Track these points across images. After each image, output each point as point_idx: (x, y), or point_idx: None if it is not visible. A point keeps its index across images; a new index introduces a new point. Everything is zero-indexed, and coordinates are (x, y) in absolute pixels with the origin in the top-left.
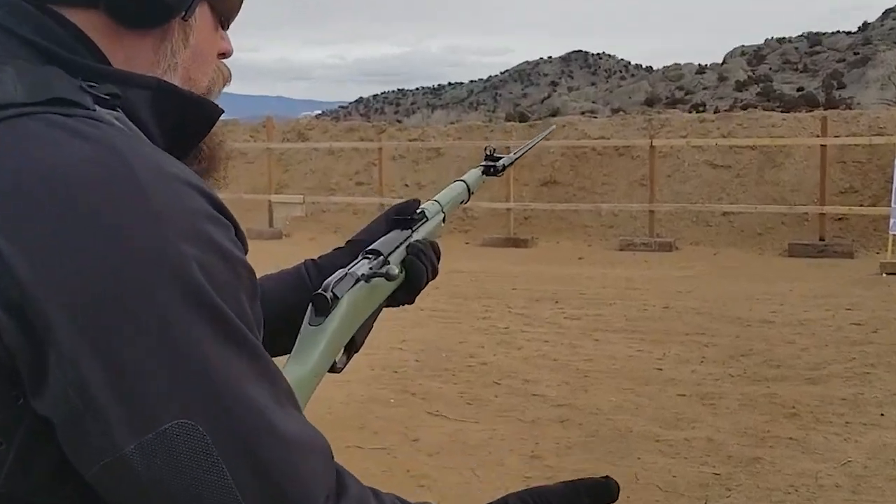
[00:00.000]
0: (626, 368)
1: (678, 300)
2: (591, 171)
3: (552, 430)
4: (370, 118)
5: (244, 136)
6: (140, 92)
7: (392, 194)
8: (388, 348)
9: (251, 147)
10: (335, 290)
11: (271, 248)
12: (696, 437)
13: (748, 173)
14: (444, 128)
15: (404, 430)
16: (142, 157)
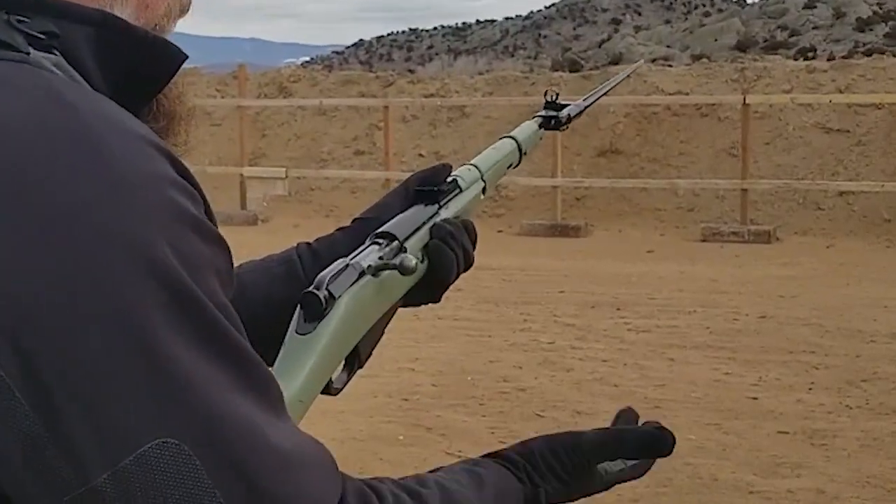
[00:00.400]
0: (710, 397)
1: (779, 308)
2: (664, 138)
3: None
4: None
5: (209, 89)
6: (81, 28)
7: (402, 167)
8: (397, 369)
9: (218, 105)
10: (331, 288)
11: (244, 237)
12: (802, 488)
13: (873, 140)
14: (470, 80)
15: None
16: (95, 110)
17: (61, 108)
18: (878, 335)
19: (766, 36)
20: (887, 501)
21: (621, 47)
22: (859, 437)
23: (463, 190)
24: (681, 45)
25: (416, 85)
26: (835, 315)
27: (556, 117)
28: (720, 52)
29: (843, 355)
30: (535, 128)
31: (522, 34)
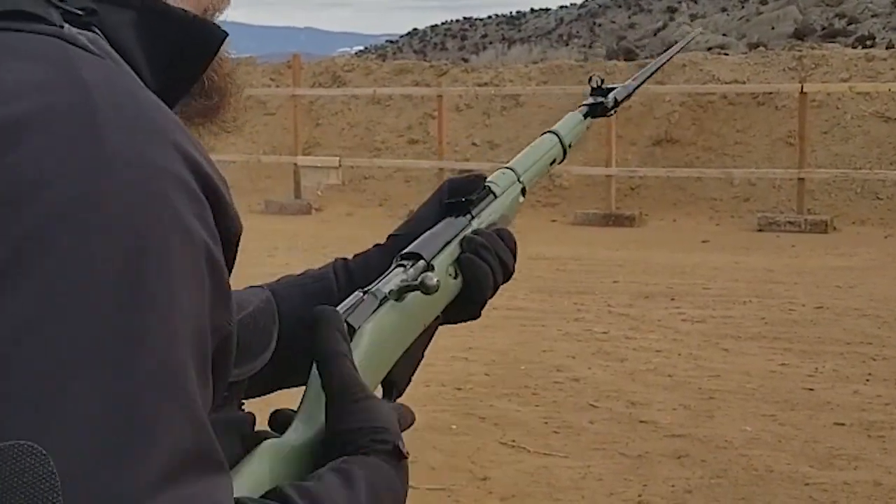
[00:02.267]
0: (766, 388)
1: (836, 298)
2: (720, 127)
3: (665, 468)
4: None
5: (263, 79)
6: (122, 11)
7: (455, 156)
8: (450, 358)
9: (272, 94)
10: (350, 320)
11: (297, 226)
12: (858, 481)
13: None
14: (524, 69)
15: (470, 466)
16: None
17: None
18: None
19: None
20: None
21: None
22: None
23: (497, 196)
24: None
25: (469, 74)
26: (893, 306)
27: (601, 104)
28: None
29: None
30: (579, 118)
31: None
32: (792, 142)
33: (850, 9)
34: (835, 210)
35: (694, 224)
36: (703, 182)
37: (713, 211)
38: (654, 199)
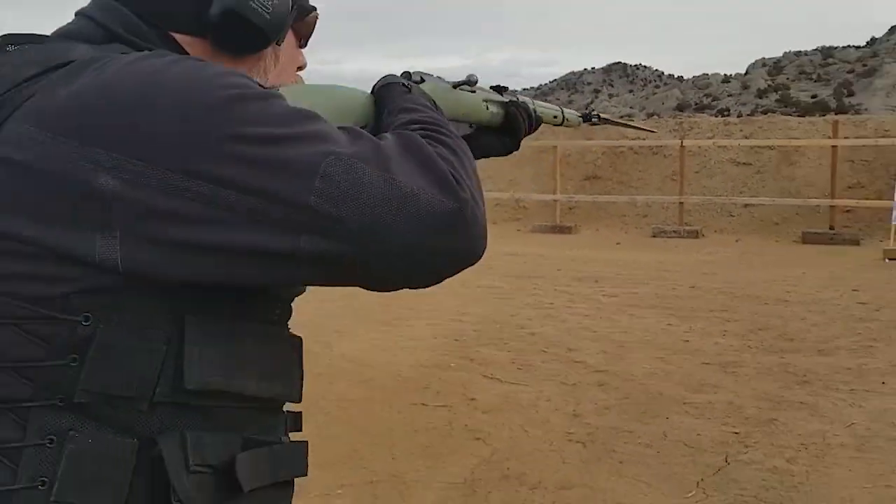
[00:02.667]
0: (658, 340)
1: (703, 281)
2: (628, 168)
3: (591, 392)
4: None
5: None
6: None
7: None
8: (450, 320)
9: None
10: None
11: None
12: (718, 401)
13: (767, 170)
14: None
15: (463, 391)
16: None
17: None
18: (769, 300)
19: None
20: (775, 410)
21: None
22: (756, 367)
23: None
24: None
25: None
26: (740, 286)
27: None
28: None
29: (746, 313)
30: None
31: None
32: (675, 178)
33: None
34: (703, 223)
35: (611, 232)
36: (617, 205)
37: (623, 224)
38: (585, 216)
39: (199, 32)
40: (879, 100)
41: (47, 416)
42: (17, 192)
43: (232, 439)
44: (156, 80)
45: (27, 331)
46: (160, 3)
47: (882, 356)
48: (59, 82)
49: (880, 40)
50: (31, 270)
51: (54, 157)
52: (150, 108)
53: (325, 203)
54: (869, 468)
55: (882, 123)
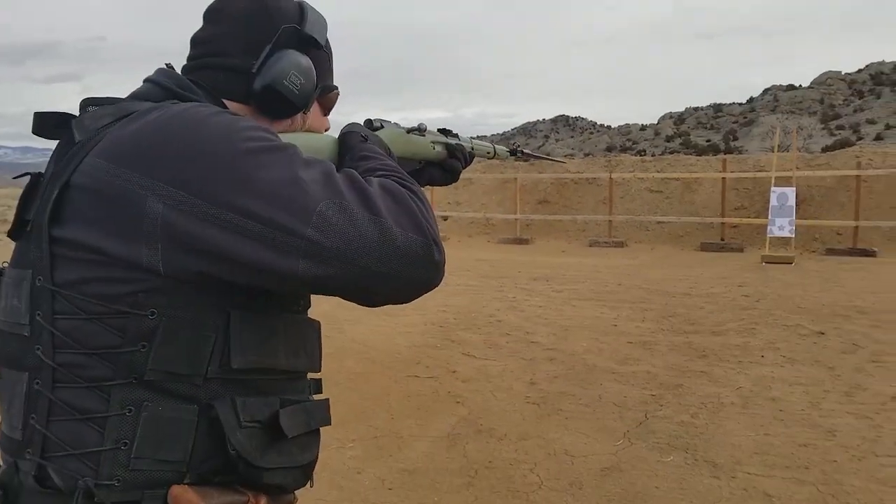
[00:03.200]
0: (593, 325)
1: (627, 280)
2: (570, 194)
3: (544, 365)
4: None
5: None
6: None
7: (439, 207)
8: (436, 311)
9: None
10: (382, 123)
11: None
12: (639, 371)
13: (674, 196)
14: (474, 165)
15: (446, 365)
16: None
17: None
18: (677, 293)
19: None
20: (681, 377)
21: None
22: (668, 344)
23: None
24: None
25: None
26: (655, 283)
27: (514, 150)
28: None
29: (659, 304)
30: (505, 149)
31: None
32: (605, 202)
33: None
34: (627, 236)
35: (558, 243)
36: (563, 222)
37: (567, 236)
38: (538, 231)
39: (244, 101)
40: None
41: (125, 391)
42: (92, 212)
43: (271, 401)
44: (198, 128)
45: (107, 324)
46: (217, 80)
47: (761, 336)
48: (124, 125)
49: (757, 98)
50: (106, 275)
51: (116, 183)
52: (191, 149)
53: (320, 235)
54: (752, 421)
55: (759, 161)
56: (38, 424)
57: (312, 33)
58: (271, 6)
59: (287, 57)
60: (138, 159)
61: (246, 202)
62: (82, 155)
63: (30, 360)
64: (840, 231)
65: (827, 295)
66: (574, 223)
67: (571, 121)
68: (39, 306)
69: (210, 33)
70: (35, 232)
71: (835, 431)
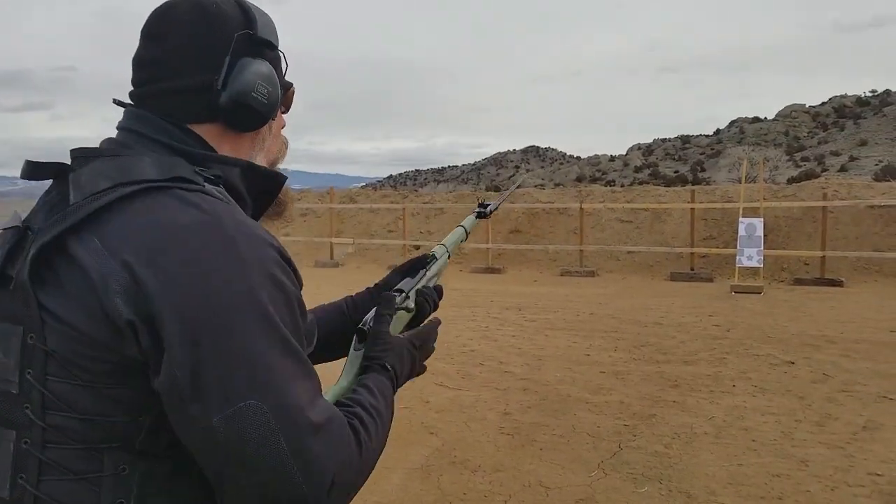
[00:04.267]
0: (566, 354)
1: (599, 309)
2: (541, 224)
3: (517, 395)
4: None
5: (315, 200)
6: (234, 170)
7: (412, 237)
8: None
9: (319, 207)
10: (370, 326)
11: (331, 274)
12: (612, 401)
13: (643, 226)
14: (445, 195)
15: (420, 395)
16: (235, 220)
17: (216, 219)
18: (649, 323)
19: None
20: (654, 407)
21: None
22: (641, 374)
23: (437, 258)
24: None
25: (419, 197)
26: (626, 312)
27: (484, 212)
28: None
29: (631, 333)
30: (473, 219)
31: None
32: (576, 232)
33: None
34: (598, 266)
35: (530, 272)
36: (534, 251)
37: (539, 266)
38: (510, 260)
39: (211, 119)
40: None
41: (119, 454)
42: (84, 295)
43: None
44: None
45: (102, 393)
46: (176, 105)
47: (732, 366)
48: (125, 210)
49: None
50: (97, 354)
51: (103, 269)
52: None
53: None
54: (725, 450)
55: (727, 192)
56: (27, 484)
57: (266, 35)
58: (215, 14)
59: (249, 67)
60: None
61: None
62: (76, 222)
63: (18, 418)
64: (807, 261)
65: (796, 324)
66: (546, 252)
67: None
68: (31, 365)
69: (156, 53)
70: (19, 291)
71: (807, 461)
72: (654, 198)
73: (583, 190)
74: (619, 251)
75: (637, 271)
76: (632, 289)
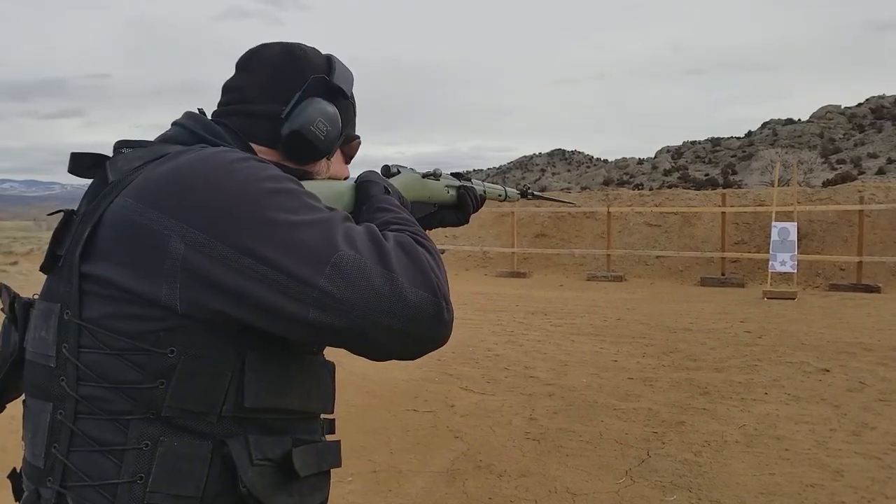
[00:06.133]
0: (593, 360)
1: (627, 314)
2: (568, 228)
3: (543, 401)
4: None
5: None
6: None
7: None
8: None
9: None
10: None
11: None
12: (640, 407)
13: (672, 230)
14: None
15: (445, 400)
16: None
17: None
18: (678, 329)
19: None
20: (683, 414)
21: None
22: (670, 381)
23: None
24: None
25: None
26: (655, 318)
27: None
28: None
29: (660, 339)
30: (515, 191)
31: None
32: (603, 236)
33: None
34: (626, 270)
35: (556, 277)
36: (560, 255)
37: (565, 270)
38: (536, 264)
39: (272, 145)
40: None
41: (143, 426)
42: (119, 250)
43: (284, 440)
44: (222, 172)
45: (129, 360)
46: (245, 125)
47: (764, 373)
48: (154, 167)
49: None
50: (131, 312)
51: (142, 223)
52: (215, 193)
53: (332, 287)
54: (757, 460)
55: (758, 195)
56: (59, 454)
57: (340, 84)
58: (301, 57)
59: (315, 104)
60: (164, 200)
61: (263, 248)
62: (114, 195)
63: (54, 390)
64: (843, 266)
65: (831, 331)
66: (572, 257)
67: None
68: (66, 339)
69: (241, 81)
70: (66, 267)
71: (843, 472)
72: (683, 201)
73: (610, 193)
74: (648, 255)
75: (666, 276)
76: (661, 294)
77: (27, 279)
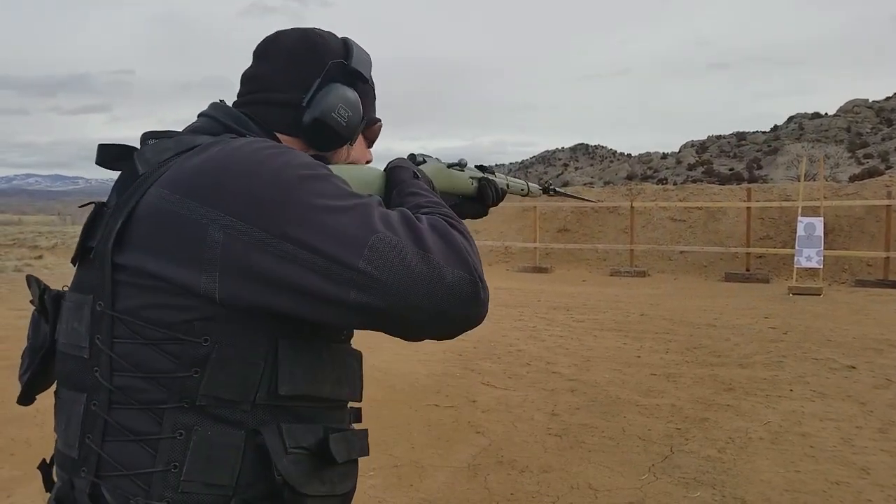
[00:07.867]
0: (616, 355)
1: (650, 310)
2: (591, 223)
3: (565, 396)
4: None
5: None
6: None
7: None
8: (455, 340)
9: None
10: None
11: None
12: (663, 403)
13: (697, 225)
14: None
15: (466, 395)
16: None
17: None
18: (702, 325)
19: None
20: (707, 410)
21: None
22: (692, 377)
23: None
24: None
25: None
26: (678, 314)
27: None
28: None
29: (684, 335)
30: (536, 186)
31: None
32: (627, 231)
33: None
34: (649, 266)
35: (578, 272)
36: (583, 251)
37: (588, 265)
38: (558, 259)
39: (294, 133)
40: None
41: (177, 415)
42: (154, 240)
43: (316, 428)
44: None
45: (162, 349)
46: (268, 114)
47: (790, 369)
48: (187, 158)
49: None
50: (165, 301)
51: (179, 213)
52: (250, 181)
53: (372, 268)
54: (782, 457)
55: (784, 190)
56: (93, 444)
57: (359, 68)
58: (318, 43)
59: (335, 90)
60: (201, 190)
61: (301, 233)
62: (146, 186)
63: (88, 381)
64: (870, 262)
65: (857, 328)
66: (594, 252)
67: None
68: (99, 330)
69: (260, 70)
70: (98, 259)
71: (869, 469)
72: (708, 196)
73: (633, 188)
74: (672, 251)
75: (690, 271)
76: (684, 289)
77: (52, 273)
